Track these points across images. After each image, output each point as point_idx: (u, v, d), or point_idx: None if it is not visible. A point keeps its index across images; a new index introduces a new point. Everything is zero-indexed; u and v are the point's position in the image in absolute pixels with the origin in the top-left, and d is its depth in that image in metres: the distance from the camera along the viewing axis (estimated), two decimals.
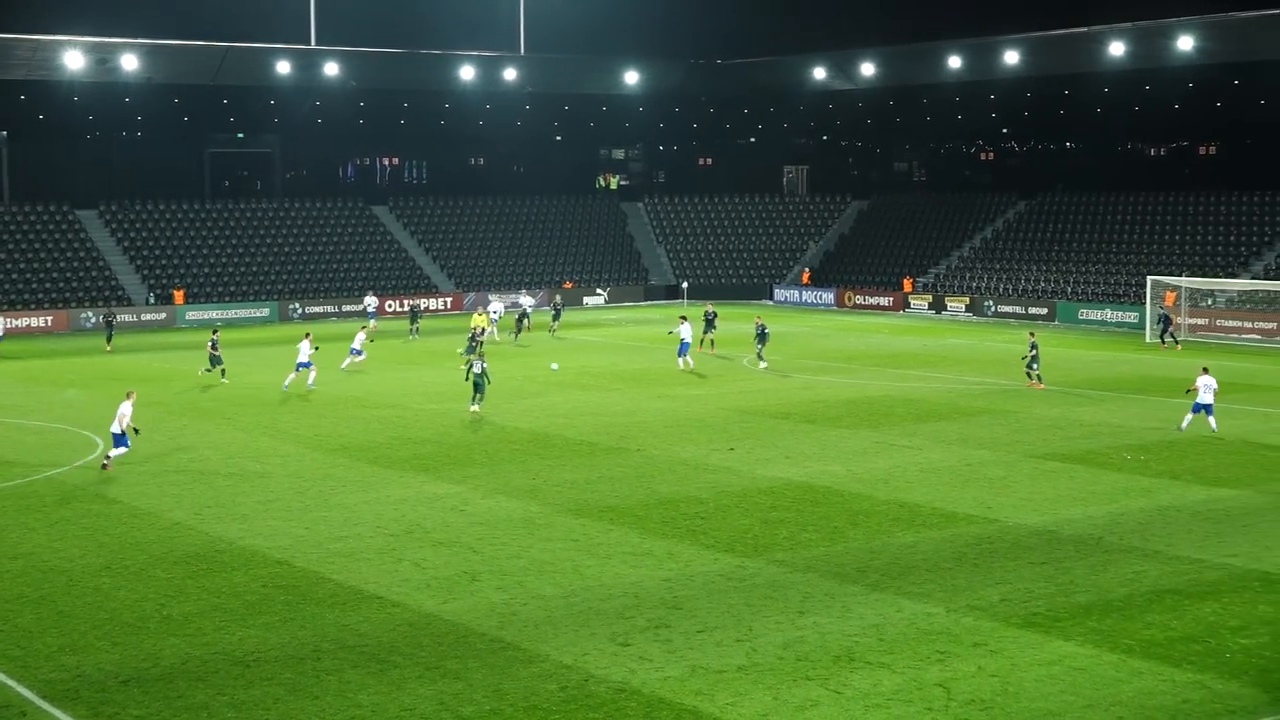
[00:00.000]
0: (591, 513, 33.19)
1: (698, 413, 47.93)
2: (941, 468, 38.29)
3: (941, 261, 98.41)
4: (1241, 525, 31.70)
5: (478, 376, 47.47)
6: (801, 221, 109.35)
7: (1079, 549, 29.61)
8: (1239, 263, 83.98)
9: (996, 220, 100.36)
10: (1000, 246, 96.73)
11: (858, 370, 59.92)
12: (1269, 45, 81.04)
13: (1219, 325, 75.65)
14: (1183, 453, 40.47)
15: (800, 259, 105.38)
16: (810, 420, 46.30)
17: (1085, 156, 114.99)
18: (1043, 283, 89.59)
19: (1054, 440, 42.53)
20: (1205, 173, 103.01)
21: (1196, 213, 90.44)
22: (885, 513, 32.98)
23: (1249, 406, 49.45)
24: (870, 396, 51.71)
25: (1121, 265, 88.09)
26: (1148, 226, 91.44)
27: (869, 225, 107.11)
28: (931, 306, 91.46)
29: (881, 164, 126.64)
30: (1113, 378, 57.45)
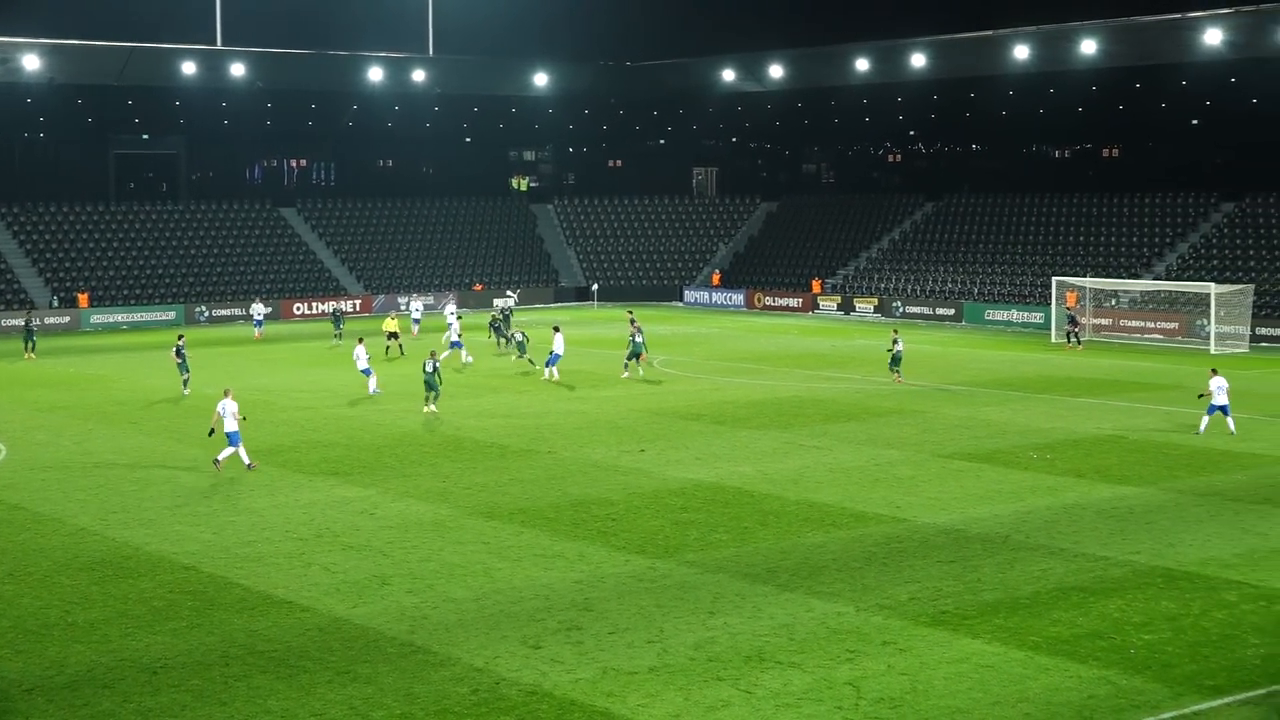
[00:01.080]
0: (502, 515, 33.09)
1: (608, 415, 47.94)
2: (850, 468, 38.52)
3: (850, 263, 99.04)
4: (1144, 522, 32.13)
5: (429, 376, 47.77)
6: (711, 223, 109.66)
7: (986, 547, 29.90)
8: (1141, 264, 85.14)
9: (904, 222, 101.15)
10: (908, 248, 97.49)
11: (768, 371, 60.17)
12: (1169, 49, 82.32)
13: (1122, 325, 76.65)
14: (1087, 451, 40.97)
15: (710, 260, 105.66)
16: (720, 421, 46.43)
17: (991, 158, 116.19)
18: (950, 284, 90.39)
19: (961, 440, 42.91)
20: (1108, 175, 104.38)
21: (1100, 214, 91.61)
22: (795, 513, 33.13)
23: (1151, 405, 50.15)
24: (780, 397, 51.94)
25: (1027, 266, 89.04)
26: (1052, 228, 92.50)
27: (778, 227, 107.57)
28: (840, 307, 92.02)
29: (790, 166, 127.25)
30: (1018, 377, 58.07)
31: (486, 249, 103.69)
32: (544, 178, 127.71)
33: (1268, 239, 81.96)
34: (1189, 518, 32.55)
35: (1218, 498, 34.66)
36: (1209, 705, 21.24)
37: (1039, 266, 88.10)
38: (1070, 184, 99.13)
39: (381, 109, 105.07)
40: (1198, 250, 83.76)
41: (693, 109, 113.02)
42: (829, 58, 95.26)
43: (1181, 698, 21.51)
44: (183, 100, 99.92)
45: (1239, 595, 26.42)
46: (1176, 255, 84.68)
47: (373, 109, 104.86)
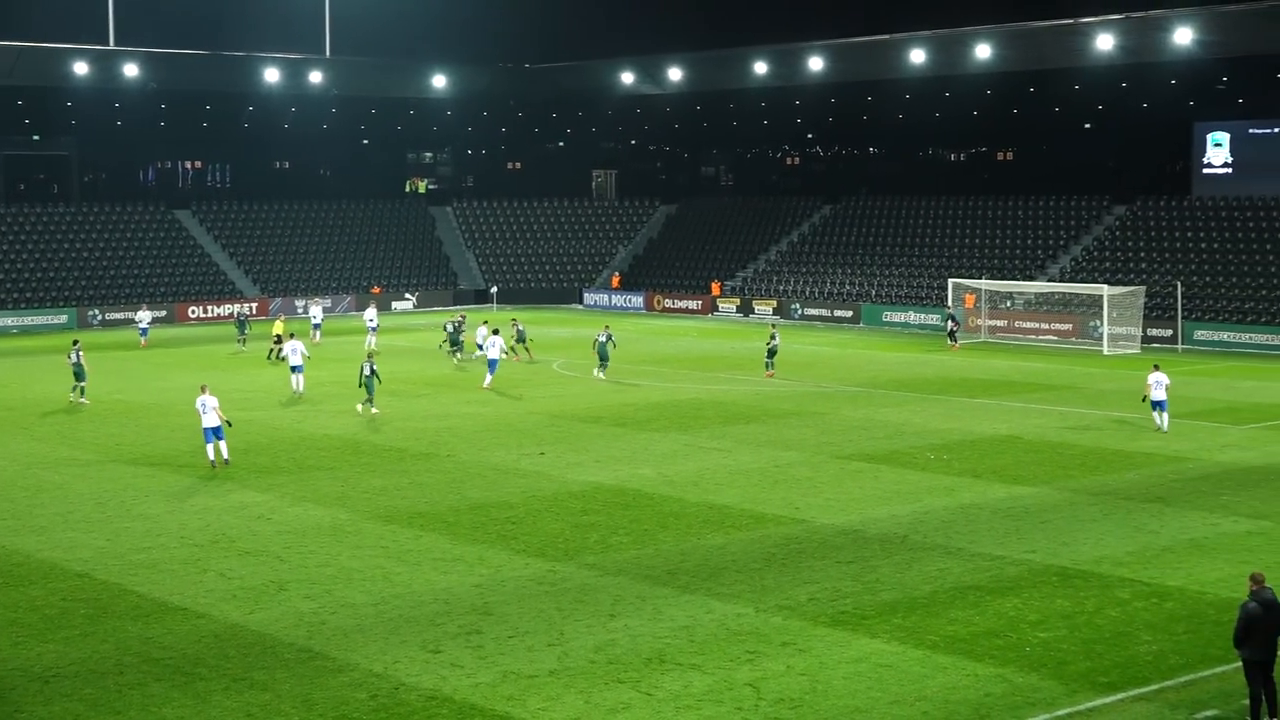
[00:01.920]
0: (401, 519, 32.90)
1: (508, 417, 47.81)
2: (750, 469, 38.68)
3: (749, 265, 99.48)
4: (1040, 521, 32.52)
5: (366, 378, 48.00)
6: (610, 226, 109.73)
7: (885, 548, 30.12)
8: (1036, 266, 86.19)
9: (802, 224, 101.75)
10: (806, 250, 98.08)
11: (668, 373, 60.28)
12: (1061, 54, 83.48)
13: (1017, 326, 77.57)
14: (983, 452, 41.41)
15: (609, 263, 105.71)
16: (621, 424, 46.45)
17: (888, 161, 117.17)
18: (848, 285, 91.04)
19: (860, 441, 43.23)
20: (1003, 178, 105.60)
21: (995, 217, 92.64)
22: (695, 515, 33.20)
23: (1045, 405, 50.79)
24: (680, 400, 52.05)
25: (924, 268, 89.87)
26: (949, 230, 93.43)
27: (677, 229, 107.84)
28: (740, 309, 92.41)
29: (689, 168, 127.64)
30: (916, 379, 58.59)
31: (384, 251, 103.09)
32: (443, 180, 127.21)
33: (1158, 241, 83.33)
34: (1083, 517, 32.99)
35: (1111, 497, 35.17)
36: (1103, 701, 21.53)
37: (936, 268, 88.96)
38: (966, 187, 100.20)
39: (278, 110, 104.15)
40: (1090, 252, 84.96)
41: (592, 111, 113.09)
42: (727, 61, 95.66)
43: (1076, 695, 21.78)
44: (74, 101, 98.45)
45: (1132, 593, 26.81)
46: (1070, 257, 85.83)
47: (269, 110, 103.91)
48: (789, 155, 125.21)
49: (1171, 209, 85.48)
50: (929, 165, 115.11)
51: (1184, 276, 78.14)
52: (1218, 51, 79.39)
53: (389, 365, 62.67)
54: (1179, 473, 38.27)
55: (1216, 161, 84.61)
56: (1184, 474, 38.11)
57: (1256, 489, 36.13)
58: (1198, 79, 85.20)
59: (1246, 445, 42.70)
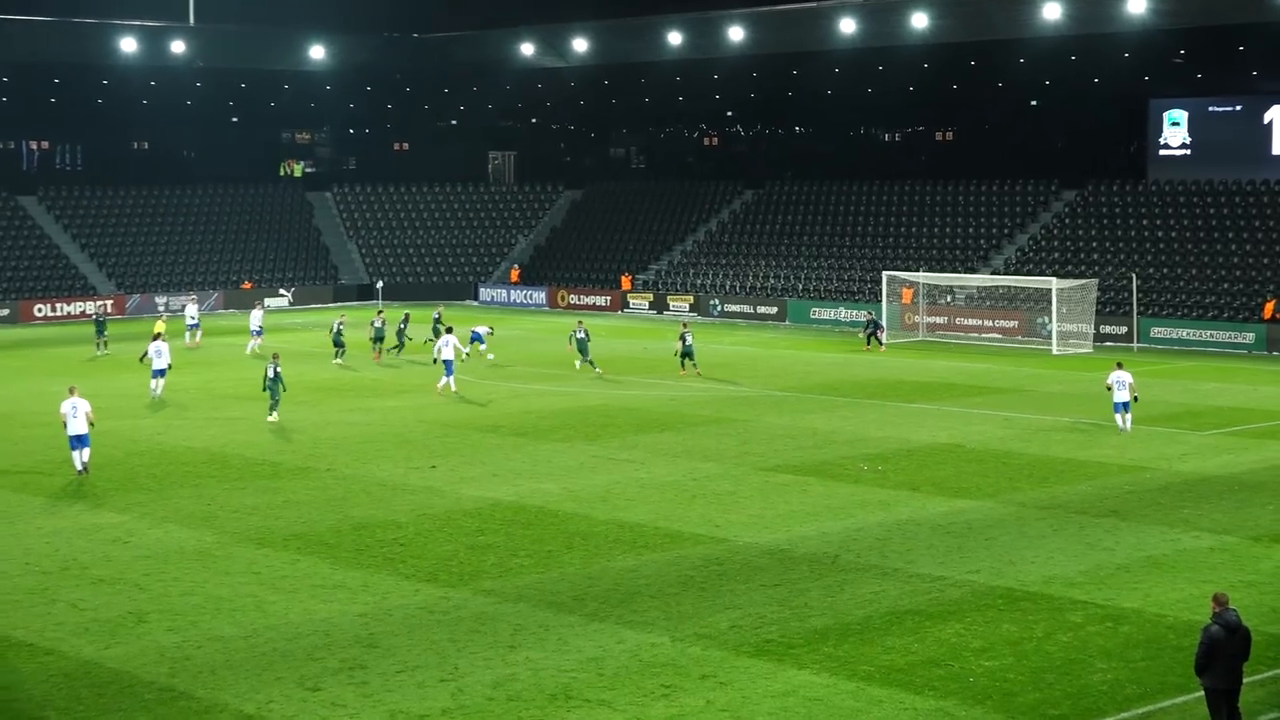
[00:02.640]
0: (275, 542, 32.65)
1: (395, 427, 47.60)
2: (665, 483, 38.71)
3: (663, 257, 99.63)
4: (984, 539, 32.76)
5: (270, 383, 48.37)
6: (509, 213, 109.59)
7: (814, 569, 30.22)
8: (978, 257, 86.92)
9: (722, 211, 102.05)
10: (726, 240, 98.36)
11: (573, 377, 60.24)
12: (1005, 24, 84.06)
13: (958, 324, 78.19)
14: (922, 462, 41.67)
15: (508, 255, 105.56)
16: (521, 433, 46.37)
17: (816, 142, 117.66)
18: (772, 279, 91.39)
19: (785, 450, 43.38)
20: (942, 160, 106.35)
21: (934, 203, 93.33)
22: (604, 534, 33.18)
23: (990, 411, 51.21)
24: (587, 406, 52.02)
25: (855, 260, 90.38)
26: (883, 218, 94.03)
27: (583, 217, 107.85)
28: (653, 306, 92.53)
29: (596, 150, 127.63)
30: (847, 382, 58.88)
31: (256, 242, 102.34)
32: (321, 162, 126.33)
33: (1111, 230, 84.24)
34: (1031, 533, 33.27)
35: (1061, 511, 35.49)
36: None
37: (869, 260, 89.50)
38: (901, 170, 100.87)
39: (136, 84, 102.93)
40: (1038, 242, 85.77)
41: (488, 86, 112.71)
42: (638, 30, 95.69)
43: None
44: None
45: (1084, 616, 27.05)
46: (1015, 248, 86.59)
47: (126, 85, 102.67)
48: (707, 135, 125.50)
49: (1125, 194, 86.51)
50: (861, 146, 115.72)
51: (1139, 268, 79.10)
52: (1175, 22, 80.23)
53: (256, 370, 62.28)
54: (1135, 484, 38.69)
55: (1174, 142, 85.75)
56: (1141, 485, 38.53)
57: (1219, 501, 36.59)
58: (1153, 52, 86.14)
59: (1208, 453, 43.25)
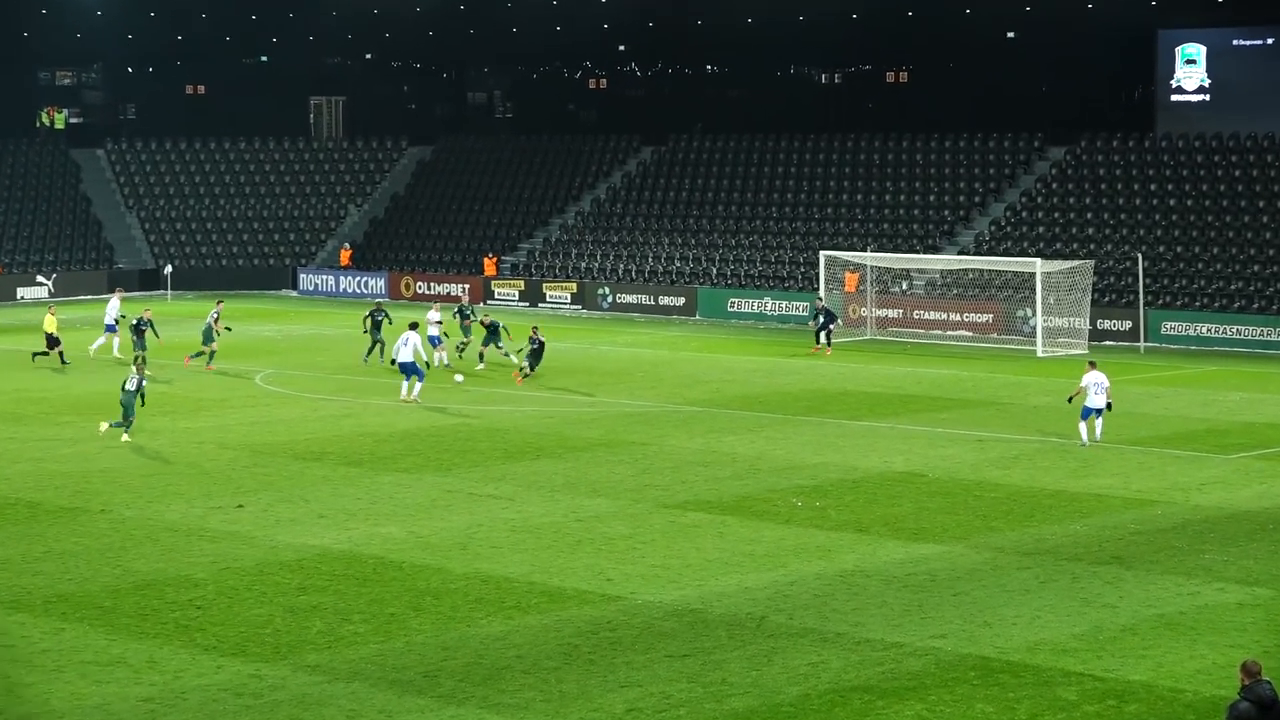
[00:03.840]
0: (33, 605, 32.29)
1: (191, 454, 47.23)
2: (542, 525, 38.61)
3: (537, 233, 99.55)
4: (951, 593, 32.88)
5: (127, 397, 48.68)
6: (337, 177, 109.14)
7: (734, 635, 30.22)
8: (942, 232, 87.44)
9: (613, 174, 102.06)
10: (619, 211, 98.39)
11: (423, 389, 60.03)
12: None
13: (917, 318, 78.59)
14: (871, 496, 41.81)
15: (336, 231, 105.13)
16: (355, 461, 46.14)
17: (734, 86, 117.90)
18: (677, 262, 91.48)
19: (697, 482, 43.39)
20: (895, 108, 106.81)
21: (884, 163, 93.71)
22: (464, 591, 33.05)
23: (958, 430, 51.48)
24: (440, 425, 51.83)
25: (785, 237, 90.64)
26: (819, 183, 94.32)
27: (434, 182, 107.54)
28: (525, 296, 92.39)
29: (451, 95, 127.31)
30: (776, 393, 59.03)
31: (4, 214, 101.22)
32: (91, 111, 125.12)
33: (1110, 197, 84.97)
34: (1012, 586, 33.43)
35: (1050, 557, 35.69)
36: None
37: (802, 237, 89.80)
38: (843, 121, 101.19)
39: None
40: (1018, 213, 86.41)
41: (307, 14, 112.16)
42: None
43: None
44: None
45: (1079, 692, 27.22)
46: (989, 221, 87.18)
47: None
48: (593, 76, 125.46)
49: (1128, 152, 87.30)
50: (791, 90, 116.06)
51: (1146, 246, 79.87)
52: None
53: (8, 377, 61.58)
54: (1143, 522, 38.99)
55: (1189, 85, 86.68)
56: (1150, 524, 38.84)
57: (1250, 543, 36.94)
58: None
59: (1236, 482, 43.67)
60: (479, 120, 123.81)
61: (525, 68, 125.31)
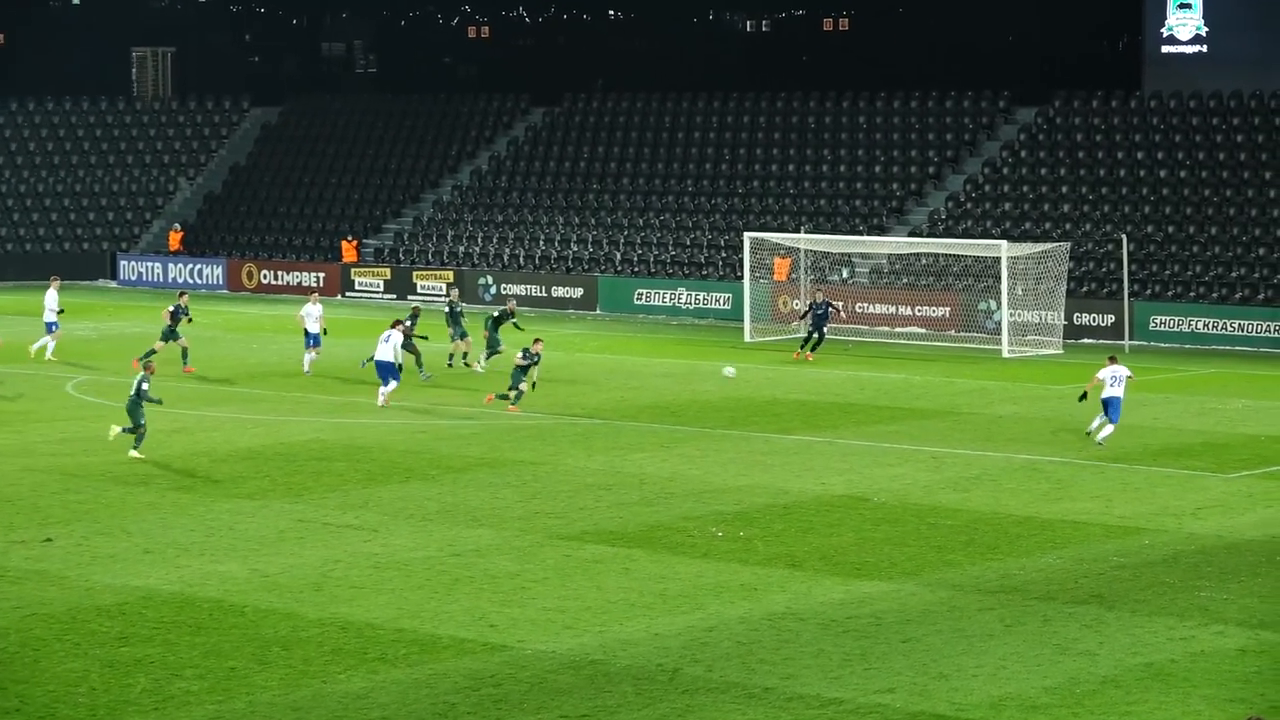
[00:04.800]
0: None
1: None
2: (412, 560, 38.60)
3: (406, 212, 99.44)
4: (900, 640, 33.03)
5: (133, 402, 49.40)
6: (165, 144, 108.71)
7: (642, 690, 30.29)
8: (890, 210, 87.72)
9: (497, 141, 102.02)
10: (504, 185, 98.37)
11: (268, 399, 59.94)
12: None
13: (860, 312, 78.80)
14: (806, 525, 41.94)
15: (163, 209, 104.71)
16: (187, 485, 46.04)
17: (640, 35, 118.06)
18: (574, 246, 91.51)
19: (597, 509, 43.45)
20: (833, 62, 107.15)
21: (821, 127, 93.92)
22: (318, 641, 33.01)
23: (908, 445, 51.71)
24: (290, 442, 51.75)
25: (702, 215, 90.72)
26: (744, 150, 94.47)
27: (281, 150, 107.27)
28: (392, 288, 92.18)
29: (303, 46, 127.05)
30: (692, 402, 59.16)
31: None
32: None
33: (1090, 167, 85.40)
34: (972, 630, 33.62)
35: (1018, 596, 35.90)
36: None
37: (722, 215, 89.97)
38: (772, 77, 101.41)
39: None
40: (979, 187, 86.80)
41: None
42: None
43: None
44: None
45: None
46: (946, 196, 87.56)
47: None
48: (473, 23, 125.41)
49: (1111, 114, 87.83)
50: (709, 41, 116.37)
51: (1132, 226, 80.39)
52: None
53: None
54: (1128, 553, 39.27)
55: (1183, 35, 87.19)
56: (1137, 556, 39.11)
57: (1253, 579, 37.24)
58: None
59: (1237, 506, 44.04)
60: (335, 76, 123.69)
61: (391, 13, 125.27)
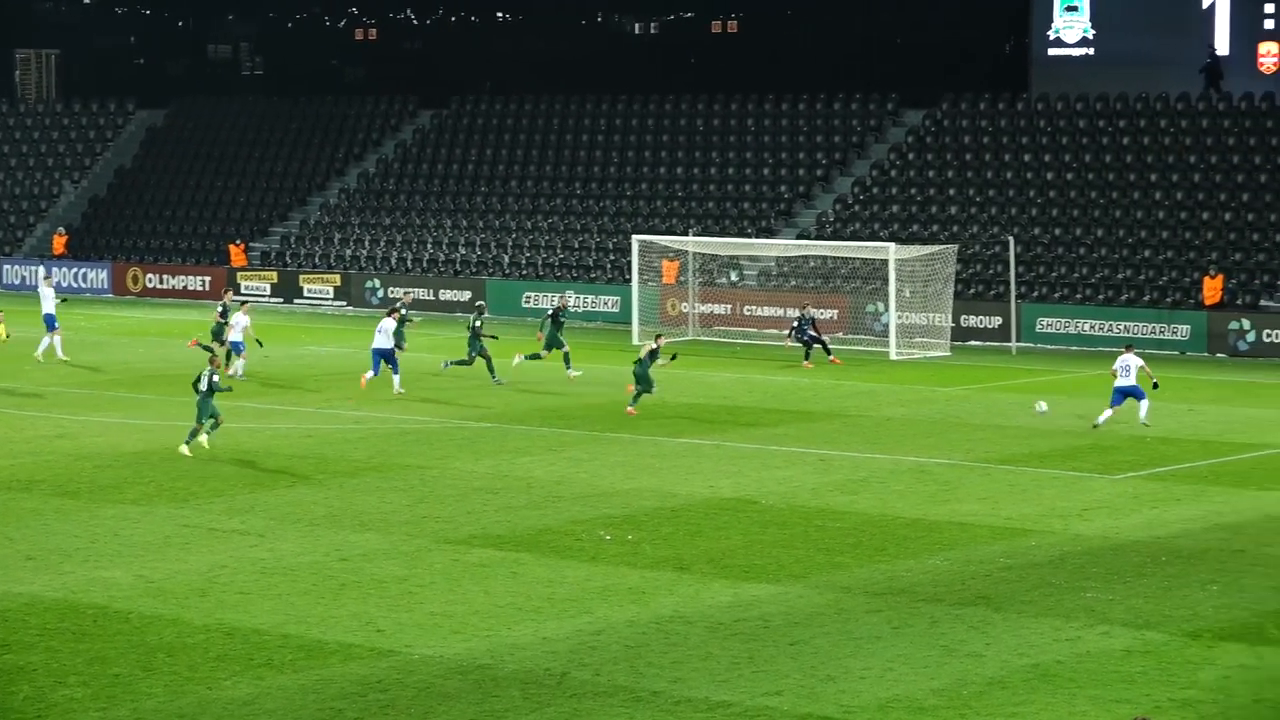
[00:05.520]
0: None
1: None
2: (299, 565, 38.48)
3: (294, 215, 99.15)
4: (788, 642, 33.07)
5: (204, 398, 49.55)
6: (49, 146, 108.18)
7: (529, 695, 30.26)
8: (777, 212, 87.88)
9: (385, 144, 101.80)
10: (392, 189, 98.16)
11: (152, 404, 59.66)
12: None
13: (748, 315, 78.89)
14: (694, 528, 41.95)
15: (47, 213, 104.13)
16: (70, 491, 45.77)
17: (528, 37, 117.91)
18: (463, 249, 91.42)
19: (485, 513, 43.40)
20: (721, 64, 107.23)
21: (710, 130, 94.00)
22: (204, 647, 32.86)
23: (796, 447, 51.80)
24: (171, 447, 51.46)
25: (591, 218, 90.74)
26: (632, 154, 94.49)
27: (168, 152, 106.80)
28: (279, 291, 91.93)
29: (188, 47, 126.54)
30: (579, 405, 59.18)
31: None
32: None
33: (978, 170, 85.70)
34: (860, 633, 33.68)
35: (905, 598, 36.00)
36: None
37: (611, 218, 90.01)
38: (660, 79, 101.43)
39: None
40: (868, 189, 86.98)
41: None
42: None
43: None
44: None
45: None
46: (834, 198, 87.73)
47: None
48: (360, 25, 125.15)
49: (998, 116, 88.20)
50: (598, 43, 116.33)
51: (1020, 228, 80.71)
52: None
53: None
54: (1016, 555, 39.42)
55: (1070, 37, 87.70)
56: (1024, 557, 39.26)
57: (1139, 580, 37.42)
58: None
59: (1123, 508, 44.26)
60: (222, 78, 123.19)
61: (278, 15, 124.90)
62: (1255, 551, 39.60)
